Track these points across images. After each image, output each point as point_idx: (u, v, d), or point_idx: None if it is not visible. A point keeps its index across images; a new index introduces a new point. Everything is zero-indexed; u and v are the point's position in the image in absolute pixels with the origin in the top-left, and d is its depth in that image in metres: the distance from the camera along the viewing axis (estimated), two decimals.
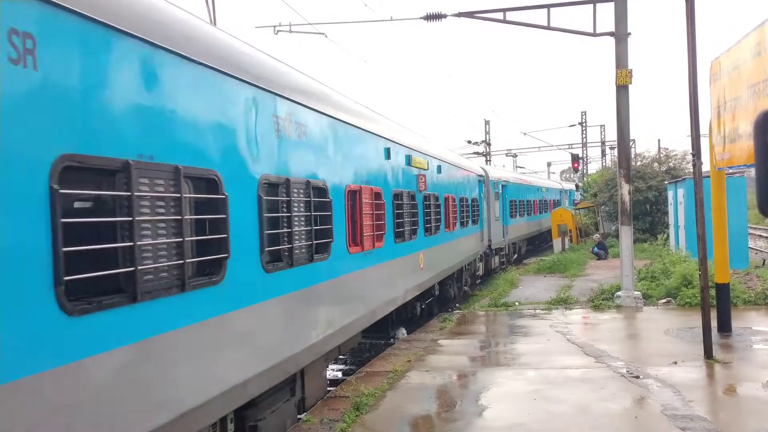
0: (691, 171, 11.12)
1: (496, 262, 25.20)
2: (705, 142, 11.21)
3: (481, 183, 22.67)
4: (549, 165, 78.59)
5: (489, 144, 51.75)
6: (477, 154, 49.22)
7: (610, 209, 33.04)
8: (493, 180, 25.08)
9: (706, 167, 10.95)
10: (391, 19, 19.13)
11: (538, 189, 37.66)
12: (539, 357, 10.60)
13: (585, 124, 55.35)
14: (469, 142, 51.10)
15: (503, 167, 45.57)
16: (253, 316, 6.20)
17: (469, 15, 17.43)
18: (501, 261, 26.37)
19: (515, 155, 63.65)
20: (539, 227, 35.64)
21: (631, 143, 21.18)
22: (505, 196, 27.31)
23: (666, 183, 27.59)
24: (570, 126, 60.04)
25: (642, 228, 29.26)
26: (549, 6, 16.32)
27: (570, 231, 31.83)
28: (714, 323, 10.95)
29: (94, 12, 4.18)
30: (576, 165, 47.04)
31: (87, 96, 4.12)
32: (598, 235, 29.18)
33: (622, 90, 15.52)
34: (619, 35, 15.47)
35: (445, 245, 16.10)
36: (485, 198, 23.21)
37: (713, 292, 11.33)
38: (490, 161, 49.06)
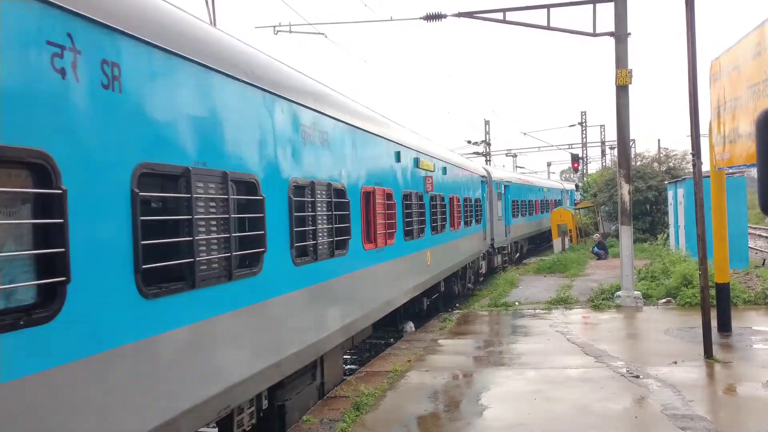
0: (691, 171, 11.12)
1: (498, 260, 25.57)
2: (705, 142, 11.22)
3: (484, 183, 22.99)
4: (549, 165, 78.64)
5: (489, 144, 51.78)
6: (477, 154, 49.24)
7: (610, 209, 33.06)
8: (496, 180, 25.42)
9: (706, 167, 10.96)
10: (391, 19, 19.14)
11: (539, 189, 37.80)
12: (539, 357, 10.60)
13: (585, 124, 55.38)
14: (469, 142, 51.18)
15: (503, 167, 45.60)
16: (285, 304, 6.96)
17: (469, 15, 17.43)
18: (503, 260, 26.69)
19: (515, 155, 63.67)
20: (541, 227, 35.72)
21: (631, 143, 21.17)
22: (508, 196, 27.61)
23: (666, 183, 27.60)
24: (570, 126, 60.17)
25: (642, 228, 29.26)
26: (549, 6, 16.32)
27: (570, 231, 31.83)
28: (714, 323, 10.95)
29: (164, 42, 4.89)
30: (576, 165, 47.10)
31: (158, 113, 4.85)
32: (598, 235, 29.18)
33: (622, 90, 15.53)
34: (619, 35, 15.47)
35: (451, 243, 16.60)
36: (488, 198, 23.57)
37: (713, 291, 11.34)
38: (489, 161, 49.08)
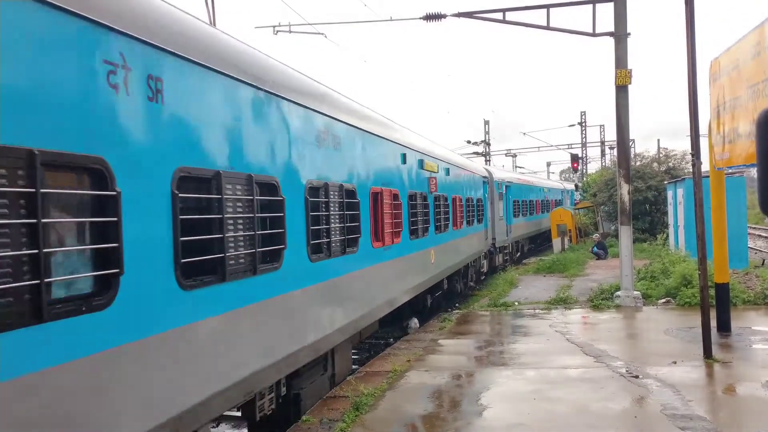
0: (691, 171, 11.12)
1: (500, 259, 25.86)
2: (704, 142, 11.22)
3: (486, 184, 23.26)
4: (548, 165, 78.71)
5: (488, 144, 51.78)
6: (476, 154, 49.26)
7: (609, 209, 33.06)
8: (497, 181, 25.73)
9: (705, 167, 10.96)
10: (391, 19, 19.12)
11: (540, 189, 37.91)
12: (539, 357, 10.60)
13: (584, 124, 55.41)
14: (469, 142, 51.24)
15: (503, 167, 45.62)
16: (302, 297, 7.43)
17: (469, 15, 17.42)
18: (504, 259, 26.96)
19: (515, 155, 63.70)
20: (542, 227, 35.79)
21: (631, 143, 21.18)
22: (509, 196, 27.84)
23: (665, 183, 27.60)
24: (569, 126, 60.22)
25: (641, 228, 29.25)
26: (548, 6, 16.31)
27: (569, 231, 31.83)
28: (713, 323, 10.95)
29: (198, 57, 5.34)
30: (575, 165, 47.12)
31: (193, 121, 5.31)
32: (597, 235, 29.16)
33: (621, 90, 15.52)
34: (619, 35, 15.47)
35: (453, 243, 16.99)
36: (489, 198, 23.89)
37: (713, 291, 11.34)
38: (489, 161, 49.08)
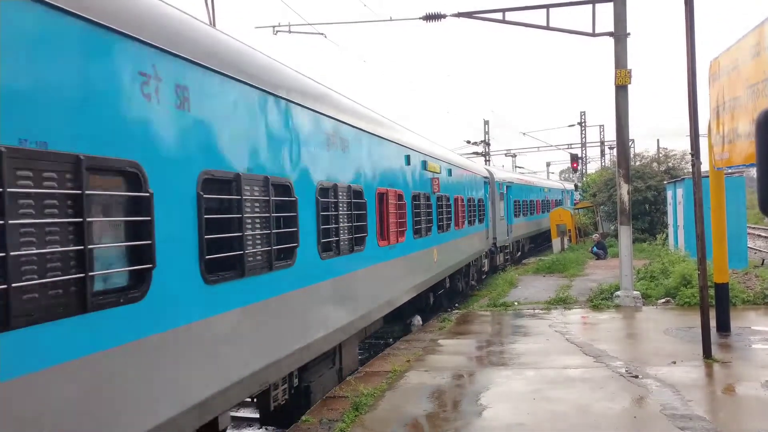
0: (690, 171, 11.12)
1: (500, 259, 26.07)
2: (704, 142, 11.22)
3: (487, 184, 23.49)
4: (548, 165, 78.67)
5: (488, 144, 51.78)
6: (476, 154, 49.25)
7: (609, 209, 33.06)
8: (498, 181, 26.00)
9: (705, 167, 10.96)
10: (391, 20, 19.09)
11: (540, 189, 38.02)
12: (538, 357, 10.61)
13: (584, 124, 55.41)
14: (469, 142, 51.22)
15: (503, 167, 45.66)
16: (313, 293, 7.76)
17: (469, 15, 17.42)
18: (505, 258, 27.14)
19: (514, 155, 63.68)
20: (543, 226, 35.86)
21: (630, 143, 21.17)
22: (510, 196, 28.06)
23: (665, 183, 27.60)
24: (569, 126, 60.12)
25: (641, 228, 29.25)
26: (548, 6, 16.31)
27: (569, 231, 31.83)
28: (713, 323, 10.94)
29: (219, 67, 5.66)
30: (575, 165, 47.10)
31: (215, 127, 5.62)
32: (597, 235, 29.15)
33: (621, 90, 15.52)
34: (618, 35, 15.47)
35: (455, 242, 17.27)
36: (491, 198, 24.13)
37: (712, 291, 11.34)
38: (489, 161, 49.08)
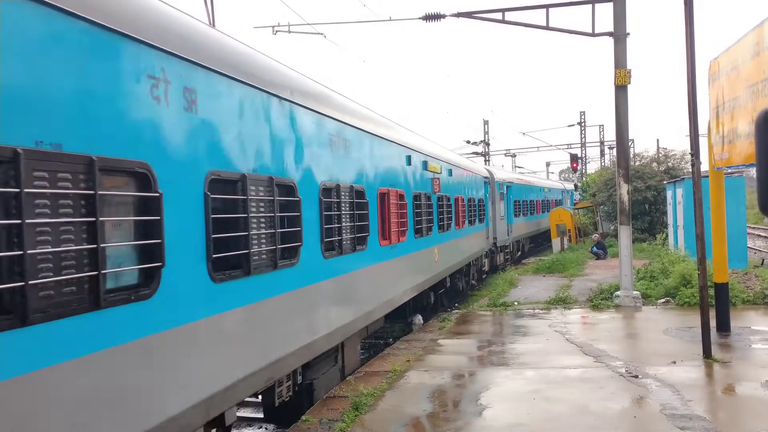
0: (690, 171, 11.13)
1: (501, 258, 26.25)
2: (704, 142, 11.23)
3: (487, 184, 23.68)
4: (548, 165, 78.61)
5: (488, 144, 51.76)
6: (476, 154, 49.22)
7: (608, 209, 33.06)
8: (498, 181, 26.17)
9: (704, 167, 10.97)
10: (390, 20, 19.10)
11: (540, 189, 38.08)
12: (538, 357, 10.61)
13: (584, 124, 55.39)
14: (468, 142, 51.17)
15: (502, 167, 45.69)
16: (316, 291, 7.89)
17: (468, 15, 17.42)
18: (505, 258, 27.30)
19: (514, 155, 63.65)
20: (543, 226, 35.91)
21: (630, 143, 21.18)
22: (510, 196, 28.22)
23: (665, 183, 27.59)
24: (569, 126, 60.01)
25: (641, 228, 29.26)
26: (548, 6, 16.31)
27: (569, 231, 31.84)
28: (713, 323, 10.94)
29: (225, 69, 5.82)
30: (575, 165, 47.06)
31: (222, 129, 5.77)
32: (597, 235, 29.15)
33: (621, 90, 15.52)
34: (618, 35, 15.47)
35: (456, 241, 17.42)
36: (491, 198, 24.33)
37: (712, 291, 11.34)
38: (489, 161, 49.07)
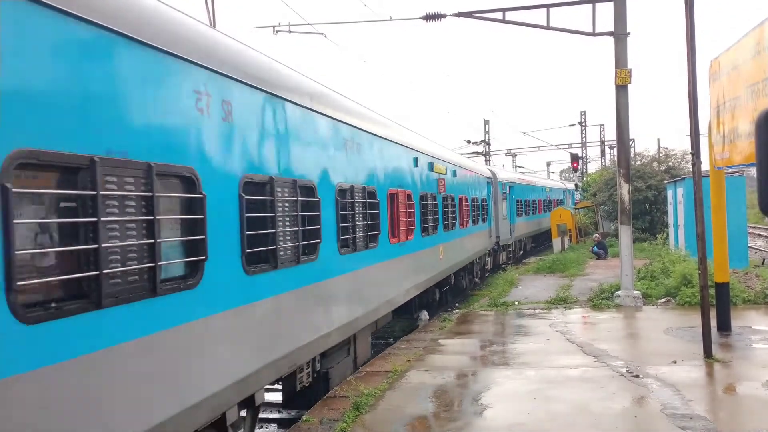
0: (691, 170, 11.12)
1: (503, 257, 26.63)
2: (704, 141, 11.22)
3: (490, 184, 24.15)
4: (548, 164, 78.61)
5: (488, 144, 51.75)
6: (476, 153, 49.22)
7: (609, 209, 33.04)
8: (501, 181, 26.60)
9: (705, 167, 10.96)
10: (391, 19, 19.10)
11: (542, 189, 38.24)
12: (539, 356, 10.61)
13: (584, 123, 55.37)
14: (469, 141, 51.17)
15: (503, 167, 45.71)
16: (333, 285, 8.41)
17: (469, 15, 17.42)
18: (508, 256, 27.62)
19: (515, 155, 63.64)
20: (544, 225, 36.01)
21: (631, 143, 21.17)
22: (512, 196, 28.59)
23: (665, 182, 27.59)
24: (569, 126, 60.03)
25: (641, 227, 29.24)
26: (548, 6, 16.30)
27: (569, 230, 31.84)
28: (713, 322, 10.95)
29: (254, 81, 6.32)
30: (575, 164, 47.06)
31: (253, 136, 6.30)
32: (597, 235, 29.15)
33: (621, 89, 15.52)
34: (619, 35, 15.46)
35: (460, 240, 17.94)
36: (494, 198, 24.80)
37: (713, 291, 11.33)
38: (489, 161, 49.08)
